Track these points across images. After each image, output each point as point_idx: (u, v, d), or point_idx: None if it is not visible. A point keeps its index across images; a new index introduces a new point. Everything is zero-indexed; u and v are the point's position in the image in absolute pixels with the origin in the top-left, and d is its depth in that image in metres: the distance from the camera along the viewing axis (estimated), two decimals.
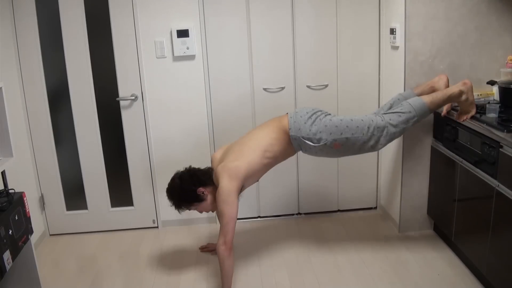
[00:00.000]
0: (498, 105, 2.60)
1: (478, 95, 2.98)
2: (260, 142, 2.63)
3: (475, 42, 2.96)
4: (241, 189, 2.64)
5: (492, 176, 2.35)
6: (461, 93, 2.60)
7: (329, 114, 2.67)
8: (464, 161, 2.63)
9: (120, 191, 3.53)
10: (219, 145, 3.45)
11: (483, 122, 2.50)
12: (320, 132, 2.57)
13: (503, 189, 2.25)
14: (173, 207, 2.70)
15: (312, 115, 2.62)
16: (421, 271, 2.81)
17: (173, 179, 2.72)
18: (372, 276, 2.78)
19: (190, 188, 2.63)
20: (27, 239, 2.45)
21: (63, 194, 3.50)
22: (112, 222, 3.57)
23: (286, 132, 2.63)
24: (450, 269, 2.80)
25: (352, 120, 2.58)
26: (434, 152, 3.05)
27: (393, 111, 2.61)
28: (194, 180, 2.64)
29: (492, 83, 2.91)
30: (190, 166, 2.79)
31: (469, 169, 2.57)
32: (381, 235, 3.30)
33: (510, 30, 2.95)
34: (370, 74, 3.42)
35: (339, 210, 3.68)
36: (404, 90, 3.00)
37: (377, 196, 3.68)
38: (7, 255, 2.19)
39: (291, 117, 2.64)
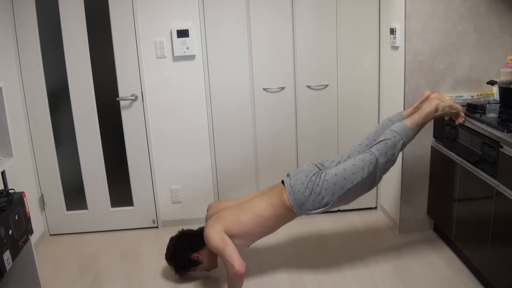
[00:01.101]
0: (498, 105, 2.60)
1: (478, 95, 2.99)
2: (258, 214, 2.61)
3: (475, 42, 2.96)
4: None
5: (492, 176, 2.35)
6: (437, 106, 2.59)
7: (322, 172, 2.57)
8: (464, 161, 2.63)
9: (120, 191, 3.53)
10: (218, 145, 3.45)
11: (483, 122, 2.50)
12: (323, 198, 2.52)
13: (503, 189, 2.25)
14: (175, 273, 2.78)
15: (308, 183, 2.53)
16: (421, 271, 2.81)
17: (168, 247, 2.78)
18: (372, 276, 2.78)
19: (184, 256, 2.70)
20: (27, 239, 2.45)
21: (63, 194, 3.50)
22: (112, 222, 3.57)
23: (288, 208, 2.57)
24: (450, 269, 2.80)
25: (345, 169, 2.51)
26: (434, 152, 3.05)
27: (378, 141, 2.56)
28: (186, 248, 2.70)
29: (492, 83, 2.91)
30: (182, 230, 2.83)
31: (469, 169, 2.57)
32: (381, 235, 3.30)
33: (510, 30, 2.95)
34: (370, 74, 3.42)
35: (339, 210, 3.68)
36: (404, 91, 3.01)
37: (377, 196, 3.68)
38: (7, 255, 2.19)
39: (289, 194, 2.55)
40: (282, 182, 2.69)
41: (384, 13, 3.27)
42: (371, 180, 2.55)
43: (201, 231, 2.76)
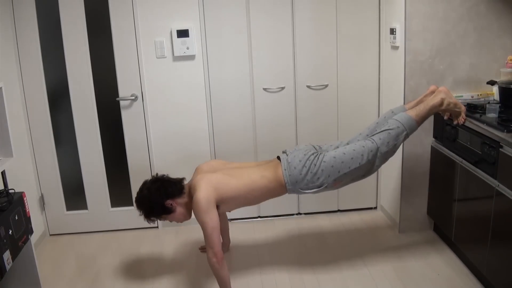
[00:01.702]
0: (498, 105, 2.60)
1: (478, 95, 2.99)
2: (251, 181, 2.55)
3: (474, 42, 2.96)
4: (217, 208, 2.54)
5: (492, 176, 2.35)
6: (442, 101, 2.57)
7: (320, 153, 2.55)
8: (464, 161, 2.64)
9: (120, 191, 3.53)
10: (218, 145, 3.45)
11: (483, 122, 2.50)
12: (318, 178, 2.50)
13: (503, 189, 2.25)
14: (143, 217, 2.65)
15: (305, 161, 2.51)
16: (421, 271, 2.81)
17: (141, 190, 2.64)
18: (372, 276, 2.78)
19: (157, 200, 2.56)
20: (27, 239, 2.45)
21: (63, 194, 3.50)
22: (112, 222, 3.57)
23: (281, 184, 2.55)
24: (450, 269, 2.80)
25: (344, 153, 2.50)
26: (434, 152, 3.05)
27: (381, 130, 2.55)
28: (161, 192, 2.56)
29: (492, 83, 2.92)
30: (157, 175, 2.71)
31: (469, 169, 2.58)
32: (381, 235, 3.30)
33: (509, 30, 2.95)
34: (370, 74, 3.42)
35: (339, 210, 3.68)
36: (404, 91, 3.01)
37: (377, 196, 3.68)
38: (7, 255, 2.19)
39: (285, 169, 2.52)
40: (278, 158, 2.66)
41: (384, 13, 3.27)
42: (368, 167, 2.53)
43: (180, 180, 2.67)
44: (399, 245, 3.12)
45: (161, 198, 2.57)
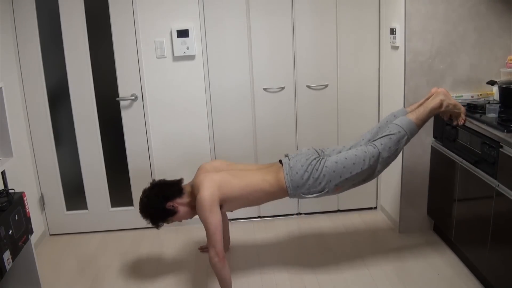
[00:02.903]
0: (498, 105, 2.60)
1: (478, 95, 2.99)
2: (252, 184, 2.57)
3: (474, 42, 2.96)
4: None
5: (492, 176, 2.35)
6: (441, 102, 2.57)
7: (323, 158, 2.55)
8: (464, 161, 2.64)
9: (120, 191, 3.53)
10: (218, 145, 3.45)
11: (483, 122, 2.50)
12: (319, 183, 2.50)
13: (503, 189, 2.25)
14: (151, 225, 2.68)
15: (307, 166, 2.51)
16: (421, 271, 2.81)
17: (141, 199, 2.66)
18: (372, 276, 2.78)
19: (158, 206, 2.59)
20: (27, 239, 2.45)
21: (63, 194, 3.50)
22: (112, 222, 3.57)
23: (283, 188, 2.55)
24: (450, 269, 2.80)
25: (346, 158, 2.50)
26: (434, 152, 3.05)
27: (382, 135, 2.55)
28: (160, 197, 2.60)
29: (492, 83, 2.92)
30: (154, 180, 2.73)
31: (469, 169, 2.58)
32: (381, 235, 3.30)
33: (509, 30, 2.95)
34: (370, 74, 3.42)
35: (339, 210, 3.68)
36: (404, 91, 3.01)
37: (377, 196, 3.68)
38: (7, 255, 2.19)
39: (287, 174, 2.53)
40: (280, 162, 2.66)
41: (384, 13, 3.27)
42: (369, 172, 2.54)
43: (178, 182, 2.69)
44: (399, 245, 3.12)
45: (161, 202, 2.60)
